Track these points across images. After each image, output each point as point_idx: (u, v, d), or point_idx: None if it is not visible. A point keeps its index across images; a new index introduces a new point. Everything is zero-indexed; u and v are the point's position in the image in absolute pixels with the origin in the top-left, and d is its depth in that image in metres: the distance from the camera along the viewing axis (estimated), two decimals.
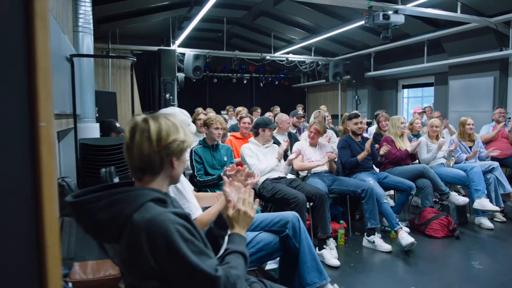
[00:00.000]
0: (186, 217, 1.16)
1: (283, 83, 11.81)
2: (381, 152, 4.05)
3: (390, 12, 4.93)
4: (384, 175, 4.12)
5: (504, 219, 4.36)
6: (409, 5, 5.25)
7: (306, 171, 4.00)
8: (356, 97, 8.86)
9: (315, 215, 3.38)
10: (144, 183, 1.23)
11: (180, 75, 8.01)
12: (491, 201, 4.34)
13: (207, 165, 3.51)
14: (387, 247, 3.51)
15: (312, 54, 9.39)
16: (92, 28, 4.06)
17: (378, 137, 4.87)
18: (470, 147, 4.87)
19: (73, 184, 2.76)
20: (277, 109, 8.84)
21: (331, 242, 3.41)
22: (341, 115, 6.44)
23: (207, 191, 3.34)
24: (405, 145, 4.45)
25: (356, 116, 4.20)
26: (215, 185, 3.43)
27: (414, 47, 7.52)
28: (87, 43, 4.01)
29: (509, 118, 6.20)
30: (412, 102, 9.17)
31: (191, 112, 7.65)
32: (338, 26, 7.28)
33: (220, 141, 3.77)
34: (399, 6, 5.03)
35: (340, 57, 9.26)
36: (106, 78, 8.04)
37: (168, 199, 1.24)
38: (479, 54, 6.17)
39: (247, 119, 5.25)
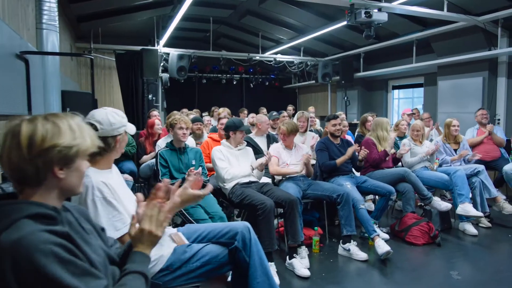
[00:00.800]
0: (66, 235, 0.98)
1: (273, 84, 11.64)
2: (360, 157, 3.86)
3: (374, 10, 4.76)
4: (363, 179, 3.94)
5: (490, 224, 4.19)
6: (394, 3, 5.08)
7: (276, 176, 3.82)
8: (346, 98, 8.68)
9: (285, 221, 3.20)
10: (25, 196, 1.05)
11: (165, 76, 7.83)
12: (476, 206, 4.18)
13: (173, 168, 3.33)
14: (363, 255, 3.32)
15: (301, 54, 9.23)
16: (57, 25, 3.88)
17: (360, 139, 4.70)
18: (456, 150, 4.70)
19: None
20: (264, 110, 8.68)
21: (303, 251, 3.23)
22: None
23: None
24: (390, 149, 4.26)
25: (335, 117, 4.02)
26: None
27: (403, 47, 7.36)
28: (52, 41, 3.82)
29: (498, 119, 6.05)
30: (403, 103, 9.00)
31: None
32: (325, 25, 7.11)
33: (187, 142, 3.59)
34: (383, 4, 4.86)
35: (329, 58, 9.09)
36: (89, 79, 7.85)
37: (58, 215, 1.05)
38: (468, 54, 6.00)
39: (225, 120, 5.11)
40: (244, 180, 3.46)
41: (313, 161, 4.28)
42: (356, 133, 5.60)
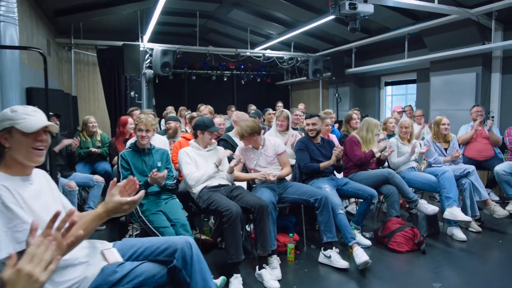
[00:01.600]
0: None
1: (265, 80, 11.37)
2: (333, 157, 3.57)
3: (359, 2, 4.49)
4: (344, 181, 3.69)
5: (480, 229, 3.94)
6: None
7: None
8: (337, 94, 8.42)
9: (255, 229, 2.95)
10: None
11: (149, 72, 7.56)
12: (465, 209, 3.94)
13: (135, 171, 3.08)
14: (343, 263, 3.08)
15: (292, 49, 8.95)
16: (16, 18, 3.62)
17: (344, 139, 4.45)
18: (446, 149, 4.45)
19: None
20: (253, 107, 8.42)
21: (274, 260, 2.99)
22: None
23: None
24: (377, 150, 4.00)
25: (310, 116, 3.76)
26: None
27: (395, 42, 7.09)
28: (11, 34, 3.56)
29: (492, 116, 5.79)
30: (396, 100, 8.74)
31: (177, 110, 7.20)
32: (314, 19, 6.84)
33: (158, 143, 3.34)
34: None
35: (320, 53, 8.82)
36: (70, 75, 7.58)
37: None
38: (461, 48, 5.73)
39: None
40: (213, 184, 3.22)
41: (292, 161, 4.03)
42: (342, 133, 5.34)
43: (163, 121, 6.40)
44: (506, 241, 3.69)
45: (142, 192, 1.58)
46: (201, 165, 3.28)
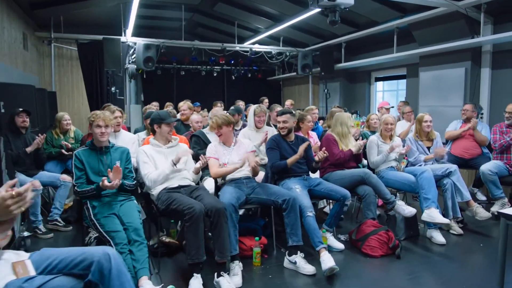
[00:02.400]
0: None
1: (256, 75, 11.14)
2: (316, 159, 3.40)
3: None
4: (316, 181, 3.50)
5: (461, 231, 3.76)
6: None
7: (220, 178, 3.38)
8: (326, 90, 8.22)
9: (212, 233, 2.77)
10: None
11: (131, 67, 7.36)
12: (446, 210, 3.76)
13: (91, 171, 2.90)
14: (310, 269, 2.91)
15: (281, 44, 8.74)
16: None
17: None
18: (429, 148, 4.26)
19: None
20: (240, 103, 8.23)
21: (236, 266, 2.82)
22: None
23: None
24: (351, 145, 3.82)
25: (282, 113, 3.56)
26: (97, 195, 2.83)
27: (384, 36, 6.88)
28: None
29: (482, 113, 5.59)
30: (388, 96, 8.53)
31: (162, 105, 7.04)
32: (301, 12, 6.63)
33: (111, 142, 3.16)
34: None
35: (310, 48, 8.60)
36: (53, 70, 7.37)
37: None
38: (449, 42, 5.52)
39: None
40: (172, 185, 3.04)
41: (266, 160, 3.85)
42: (323, 129, 5.16)
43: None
44: (487, 245, 3.51)
45: (28, 184, 1.39)
46: (160, 164, 3.10)
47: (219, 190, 3.31)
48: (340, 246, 3.37)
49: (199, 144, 4.08)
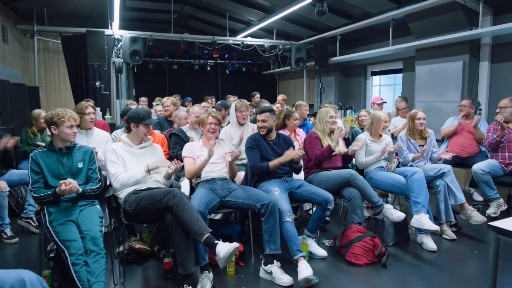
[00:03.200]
0: None
1: (251, 69, 10.87)
2: (285, 154, 3.15)
3: None
4: (298, 183, 3.26)
5: (454, 236, 3.53)
6: None
7: (195, 179, 3.15)
8: (320, 85, 7.95)
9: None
10: None
11: (118, 61, 7.11)
12: (439, 214, 3.54)
13: (49, 174, 2.66)
14: (286, 280, 2.68)
15: (274, 37, 8.46)
16: None
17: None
18: (422, 146, 4.01)
19: None
20: (231, 98, 7.98)
21: (205, 277, 2.60)
22: None
23: None
24: (335, 144, 3.56)
25: (262, 111, 3.32)
26: (54, 202, 2.60)
27: (380, 29, 6.60)
28: None
29: (480, 109, 5.32)
30: (385, 90, 8.25)
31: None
32: (292, 3, 6.36)
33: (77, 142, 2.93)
34: None
35: (304, 41, 8.32)
36: (37, 64, 7.13)
37: None
38: (447, 34, 5.24)
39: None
40: (141, 188, 2.82)
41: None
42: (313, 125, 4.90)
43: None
44: (481, 252, 3.27)
45: None
46: (129, 165, 2.88)
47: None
48: (323, 253, 3.15)
49: (179, 144, 3.84)
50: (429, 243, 3.31)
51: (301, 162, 3.31)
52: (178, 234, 2.46)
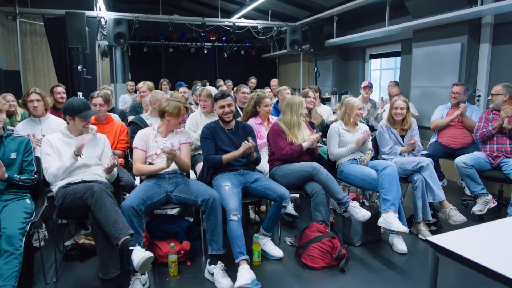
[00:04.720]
0: None
1: (250, 53, 10.50)
2: (240, 149, 2.89)
3: None
4: (254, 177, 2.98)
5: (431, 236, 3.19)
6: None
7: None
8: (315, 68, 7.54)
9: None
10: None
11: (103, 43, 6.88)
12: (415, 212, 3.23)
13: None
14: (225, 284, 2.44)
15: (269, 18, 8.04)
16: None
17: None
18: (403, 136, 3.67)
19: None
20: (220, 82, 7.70)
21: (136, 280, 2.38)
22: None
23: None
24: (301, 138, 3.25)
25: (223, 96, 3.04)
26: None
27: (377, 8, 6.13)
28: None
29: (478, 95, 4.89)
30: (385, 74, 7.78)
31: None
32: None
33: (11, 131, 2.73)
34: None
35: (300, 22, 7.88)
36: (17, 47, 6.95)
37: None
38: (444, 13, 4.77)
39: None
40: (75, 180, 2.61)
41: None
42: None
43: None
44: None
45: None
46: (66, 157, 2.66)
47: None
48: (279, 253, 2.89)
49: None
50: (399, 245, 3.02)
51: (255, 154, 3.02)
52: (99, 235, 2.24)
